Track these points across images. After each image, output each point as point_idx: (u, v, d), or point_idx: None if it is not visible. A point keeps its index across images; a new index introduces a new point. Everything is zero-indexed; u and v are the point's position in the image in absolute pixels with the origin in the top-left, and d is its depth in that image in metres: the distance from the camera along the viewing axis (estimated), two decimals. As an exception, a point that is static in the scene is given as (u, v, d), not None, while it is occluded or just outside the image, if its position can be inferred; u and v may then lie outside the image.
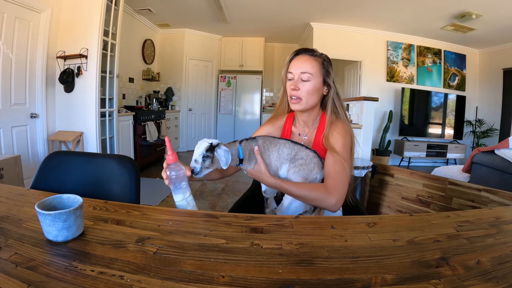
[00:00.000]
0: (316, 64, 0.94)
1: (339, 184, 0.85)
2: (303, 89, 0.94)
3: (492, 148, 2.46)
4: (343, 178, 0.86)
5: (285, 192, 0.90)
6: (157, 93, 5.35)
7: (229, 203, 2.89)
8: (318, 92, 0.96)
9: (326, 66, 0.96)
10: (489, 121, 5.18)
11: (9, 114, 2.55)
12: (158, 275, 0.48)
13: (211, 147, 0.83)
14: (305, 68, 0.94)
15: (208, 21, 4.92)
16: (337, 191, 0.84)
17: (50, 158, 1.07)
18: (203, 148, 0.82)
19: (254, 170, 0.90)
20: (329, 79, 0.96)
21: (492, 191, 1.18)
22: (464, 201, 1.41)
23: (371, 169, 2.23)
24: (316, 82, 0.95)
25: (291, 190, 0.86)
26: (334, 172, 0.87)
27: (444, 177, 1.28)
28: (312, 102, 0.96)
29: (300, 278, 0.48)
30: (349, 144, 0.93)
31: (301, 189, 0.86)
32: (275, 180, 0.88)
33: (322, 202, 0.84)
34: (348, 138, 0.93)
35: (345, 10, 4.14)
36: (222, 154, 0.83)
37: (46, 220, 0.55)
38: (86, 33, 2.87)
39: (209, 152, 0.82)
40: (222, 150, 0.83)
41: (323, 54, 0.99)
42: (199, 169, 0.82)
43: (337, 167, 0.87)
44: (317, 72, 0.94)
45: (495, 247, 0.59)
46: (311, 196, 0.85)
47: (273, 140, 0.94)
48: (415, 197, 1.67)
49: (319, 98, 0.98)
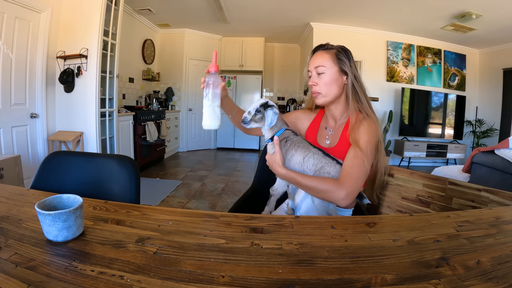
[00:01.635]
0: (329, 56, 0.96)
1: (352, 178, 0.83)
2: (321, 83, 0.96)
3: (492, 148, 2.46)
4: (359, 173, 0.84)
5: (295, 183, 0.89)
6: (157, 93, 5.35)
7: (229, 203, 2.89)
8: (337, 82, 0.96)
9: (340, 55, 0.96)
10: (489, 121, 5.17)
11: (9, 114, 2.55)
12: (158, 275, 0.48)
13: (266, 105, 0.90)
14: (318, 62, 0.96)
15: (208, 21, 4.92)
16: (348, 185, 0.82)
17: (50, 158, 1.07)
18: (259, 103, 0.90)
19: (270, 157, 0.92)
20: (345, 66, 0.95)
21: (492, 191, 1.18)
22: (464, 201, 1.41)
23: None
24: (332, 72, 0.95)
25: (301, 181, 0.86)
26: (350, 167, 0.85)
27: (444, 177, 1.28)
28: (333, 93, 0.96)
29: (300, 278, 0.48)
30: (375, 142, 0.90)
31: (311, 180, 0.85)
32: (286, 171, 0.88)
33: (331, 194, 0.82)
34: (374, 137, 0.90)
35: (345, 10, 4.14)
36: (271, 114, 0.89)
37: (46, 220, 0.55)
38: (86, 33, 2.87)
39: (262, 108, 0.89)
40: (273, 111, 0.90)
41: (338, 46, 0.99)
42: (249, 119, 0.90)
43: (355, 161, 0.85)
44: (330, 63, 0.95)
45: (495, 247, 0.59)
46: (321, 187, 0.83)
47: (307, 146, 0.93)
48: (415, 197, 1.67)
49: (340, 88, 0.97)
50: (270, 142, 0.93)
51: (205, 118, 0.85)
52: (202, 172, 4.11)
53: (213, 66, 0.84)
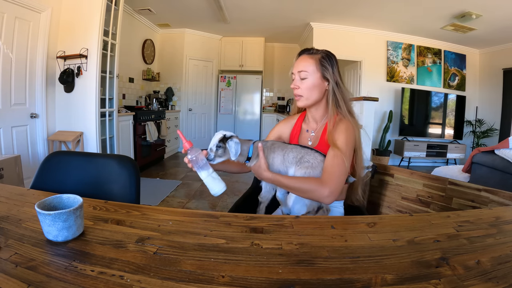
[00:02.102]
0: (312, 62, 0.98)
1: (334, 177, 0.87)
2: (302, 87, 0.99)
3: (492, 148, 2.46)
4: (340, 171, 0.88)
5: (281, 185, 0.92)
6: (157, 93, 5.35)
7: (229, 203, 2.89)
8: (319, 88, 0.99)
9: (323, 61, 0.98)
10: (489, 121, 5.17)
11: (9, 114, 2.55)
12: (158, 275, 0.48)
13: (224, 138, 0.91)
14: (301, 66, 0.99)
15: (208, 21, 4.92)
16: (331, 183, 0.86)
17: (50, 158, 1.07)
18: (217, 138, 0.91)
19: (255, 165, 0.94)
20: (327, 73, 0.98)
21: (492, 191, 1.18)
22: (464, 201, 1.41)
23: (371, 169, 2.23)
24: (314, 78, 0.98)
25: (286, 183, 0.90)
26: (331, 166, 0.88)
27: (444, 177, 1.28)
28: (314, 97, 1.00)
29: (300, 278, 0.48)
30: (352, 140, 0.93)
31: (295, 181, 0.89)
32: (272, 175, 0.91)
33: (315, 193, 0.86)
34: (351, 135, 0.94)
35: (345, 10, 4.14)
36: (233, 145, 0.91)
37: (46, 220, 0.55)
38: (86, 33, 2.87)
39: (221, 142, 0.91)
40: (233, 142, 0.91)
41: (323, 51, 1.01)
42: (212, 156, 0.90)
43: (335, 160, 0.88)
44: (313, 68, 0.98)
45: (495, 247, 0.59)
46: (305, 187, 0.87)
47: (282, 145, 0.97)
48: (415, 197, 1.67)
49: (321, 93, 1.00)
50: (248, 163, 0.97)
51: (211, 188, 0.87)
52: (202, 172, 4.11)
53: (186, 143, 0.88)
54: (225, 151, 0.91)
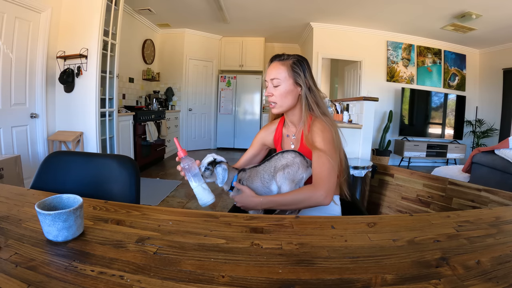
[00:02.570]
0: (284, 69, 0.99)
1: (324, 177, 0.88)
2: (276, 94, 1.00)
3: (492, 148, 2.46)
4: (328, 170, 0.89)
5: (275, 205, 0.93)
6: (157, 93, 5.35)
7: (229, 203, 2.89)
8: (292, 94, 1.00)
9: (295, 67, 0.99)
10: (489, 121, 5.17)
11: (9, 114, 2.55)
12: (158, 275, 0.48)
13: (214, 162, 0.94)
14: (273, 74, 1.00)
15: (208, 21, 4.92)
16: (323, 184, 0.87)
17: (50, 158, 1.07)
18: (207, 161, 0.94)
19: (239, 196, 0.95)
20: (299, 79, 0.99)
21: (492, 191, 1.18)
22: (464, 201, 1.41)
23: (371, 169, 2.23)
24: (287, 85, 0.99)
25: (279, 201, 0.91)
26: (319, 167, 0.90)
27: (444, 177, 1.28)
28: (288, 103, 1.01)
29: (300, 278, 0.48)
30: (329, 138, 0.94)
31: (288, 195, 0.90)
32: (261, 199, 0.92)
33: (312, 199, 0.87)
34: (328, 133, 0.95)
35: (345, 10, 4.14)
36: (220, 172, 0.94)
37: (46, 220, 0.55)
38: (86, 33, 2.86)
39: (210, 166, 0.94)
40: (221, 168, 0.94)
41: (294, 56, 1.02)
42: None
43: (320, 161, 0.90)
44: (285, 75, 0.99)
45: (495, 247, 0.59)
46: (300, 197, 0.88)
47: (254, 170, 1.00)
48: (415, 197, 1.67)
49: (294, 99, 1.01)
50: (231, 192, 1.00)
51: (200, 198, 0.89)
52: (202, 172, 4.11)
53: (181, 152, 0.89)
54: (212, 174, 0.94)
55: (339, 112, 3.22)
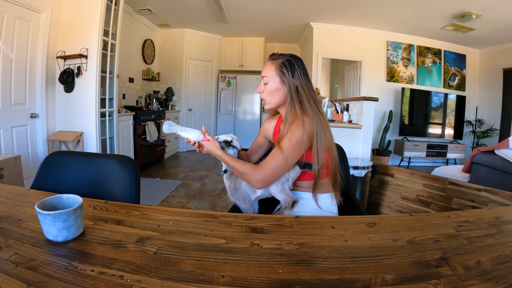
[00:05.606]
0: (273, 68, 1.04)
1: (267, 167, 0.96)
2: (265, 91, 1.07)
3: (492, 148, 2.46)
4: (275, 165, 0.96)
5: (227, 164, 1.03)
6: (157, 93, 5.35)
7: (229, 203, 2.89)
8: (279, 92, 1.04)
9: (282, 66, 1.02)
10: (489, 121, 5.17)
11: (9, 114, 2.55)
12: (158, 275, 0.48)
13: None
14: (264, 72, 1.06)
15: (208, 21, 4.92)
16: (263, 171, 0.96)
17: (50, 158, 1.07)
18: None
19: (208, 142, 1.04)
20: (285, 78, 1.02)
21: (492, 191, 1.18)
22: (464, 201, 1.41)
23: (371, 169, 2.23)
24: (273, 83, 1.04)
25: (229, 162, 1.00)
26: (270, 158, 0.98)
27: (444, 177, 1.28)
28: (275, 101, 1.06)
29: (300, 278, 0.48)
30: (295, 140, 0.96)
31: (237, 163, 0.99)
32: (221, 152, 1.02)
33: (249, 176, 0.97)
34: (296, 135, 0.96)
35: (345, 10, 4.14)
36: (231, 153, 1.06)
37: (46, 220, 0.55)
38: (86, 33, 2.86)
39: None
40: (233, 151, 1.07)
41: (286, 55, 1.05)
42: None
43: (274, 155, 0.97)
44: (273, 74, 1.04)
45: (495, 247, 0.59)
46: (242, 170, 0.98)
47: None
48: (415, 197, 1.67)
49: (282, 96, 1.05)
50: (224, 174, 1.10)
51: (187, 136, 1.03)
52: (202, 172, 4.11)
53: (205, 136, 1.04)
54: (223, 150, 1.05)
55: (339, 112, 3.22)
